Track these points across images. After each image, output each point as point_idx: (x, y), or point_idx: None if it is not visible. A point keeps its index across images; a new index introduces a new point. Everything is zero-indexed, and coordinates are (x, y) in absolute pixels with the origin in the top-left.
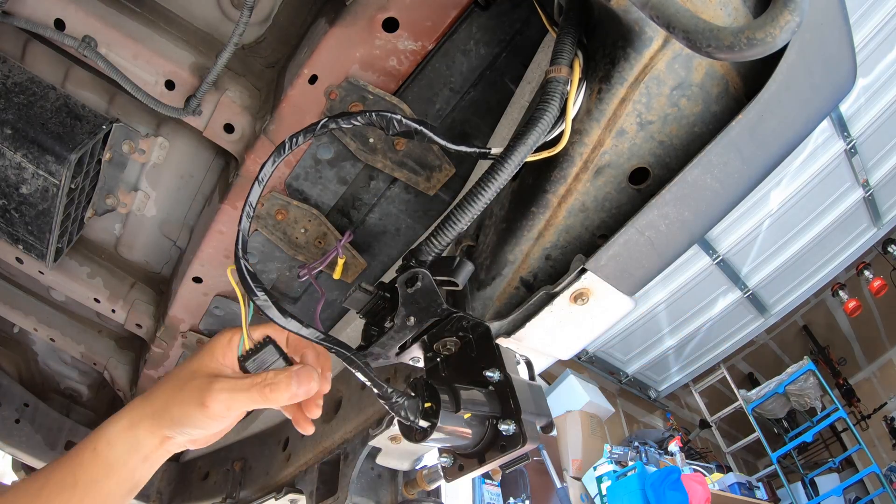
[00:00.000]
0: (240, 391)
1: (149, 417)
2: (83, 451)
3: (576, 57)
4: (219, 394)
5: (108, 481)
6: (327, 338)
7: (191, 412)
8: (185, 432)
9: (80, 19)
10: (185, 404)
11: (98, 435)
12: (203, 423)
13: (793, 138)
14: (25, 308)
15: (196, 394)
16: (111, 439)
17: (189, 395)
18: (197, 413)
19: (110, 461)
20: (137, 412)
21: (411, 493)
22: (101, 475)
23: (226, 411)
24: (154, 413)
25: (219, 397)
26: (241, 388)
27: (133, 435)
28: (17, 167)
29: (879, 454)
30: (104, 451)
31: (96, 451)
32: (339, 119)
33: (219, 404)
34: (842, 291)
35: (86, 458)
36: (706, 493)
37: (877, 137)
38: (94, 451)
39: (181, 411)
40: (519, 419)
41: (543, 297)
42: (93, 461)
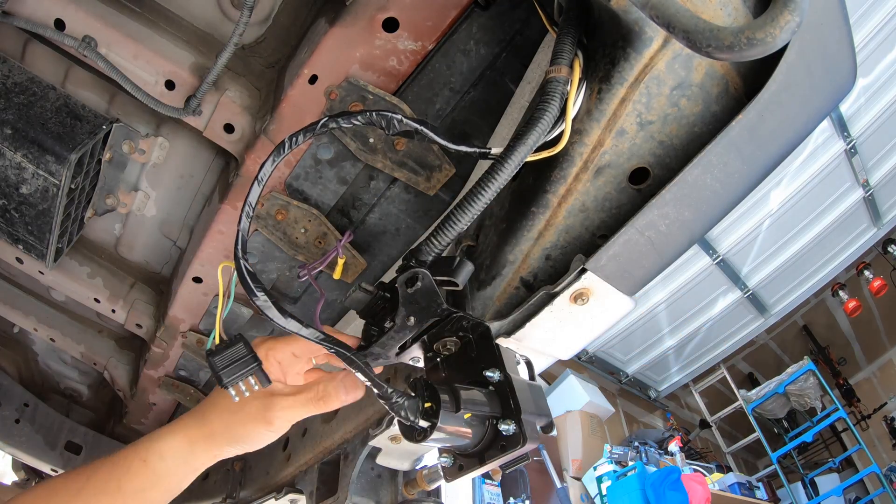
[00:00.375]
0: (299, 406)
1: (207, 437)
2: (131, 460)
3: (576, 57)
4: (281, 411)
5: (154, 490)
6: (327, 338)
7: (256, 430)
8: (244, 448)
9: (80, 19)
10: (248, 424)
11: (148, 446)
12: (265, 438)
13: (793, 138)
14: (25, 308)
15: (259, 413)
16: (164, 452)
17: (251, 416)
18: (262, 430)
19: (160, 472)
20: (195, 431)
21: (411, 493)
22: (148, 485)
23: (287, 425)
24: (213, 433)
25: (282, 414)
26: (300, 402)
27: (190, 451)
28: (18, 167)
29: (879, 454)
30: (155, 463)
31: (146, 462)
32: (339, 118)
33: (282, 421)
34: (842, 291)
35: (133, 467)
36: (706, 493)
37: (877, 137)
38: (143, 462)
39: (245, 430)
40: (519, 419)
41: (543, 297)
42: (142, 471)
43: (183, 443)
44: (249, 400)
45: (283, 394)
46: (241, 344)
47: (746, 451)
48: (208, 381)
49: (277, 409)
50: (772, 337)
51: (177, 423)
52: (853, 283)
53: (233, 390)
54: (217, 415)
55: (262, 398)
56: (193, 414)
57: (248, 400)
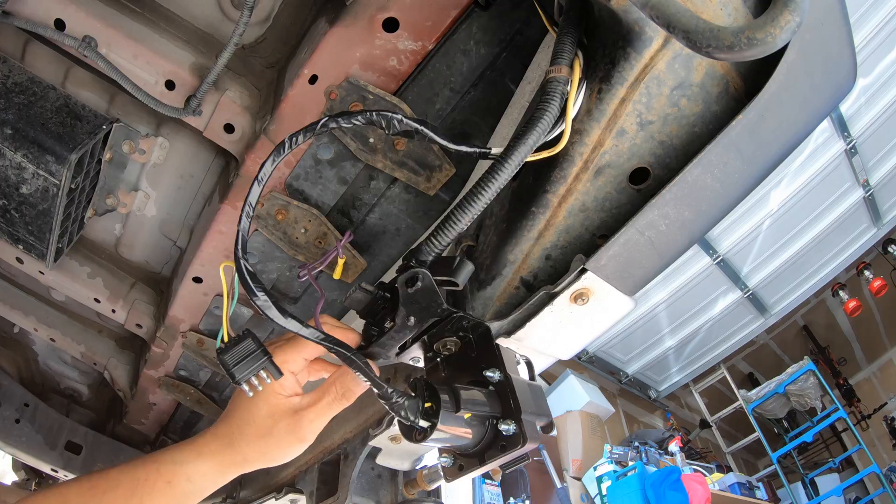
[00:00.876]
0: (325, 412)
1: (240, 464)
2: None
3: (576, 57)
4: (311, 425)
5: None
6: (327, 338)
7: (291, 451)
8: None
9: (80, 19)
10: (283, 446)
11: (173, 469)
12: (299, 452)
13: (793, 138)
14: (25, 308)
15: (291, 434)
16: (192, 477)
17: (284, 437)
18: (297, 449)
19: (186, 493)
20: (228, 459)
21: (411, 493)
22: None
23: (317, 434)
24: (247, 460)
25: (312, 428)
26: (325, 409)
27: (221, 476)
28: (18, 167)
29: (879, 454)
30: (182, 486)
31: (171, 484)
32: (339, 118)
33: (313, 433)
34: (842, 291)
35: (158, 488)
36: (706, 493)
37: (877, 137)
38: (168, 484)
39: (280, 454)
40: (519, 419)
41: (543, 297)
42: (167, 492)
43: (214, 469)
44: (275, 424)
45: (306, 407)
46: (249, 339)
47: (746, 451)
48: (208, 381)
49: (307, 425)
50: (772, 337)
51: (202, 447)
52: (853, 283)
53: (246, 386)
54: (247, 443)
55: (289, 418)
56: (220, 440)
57: (274, 424)
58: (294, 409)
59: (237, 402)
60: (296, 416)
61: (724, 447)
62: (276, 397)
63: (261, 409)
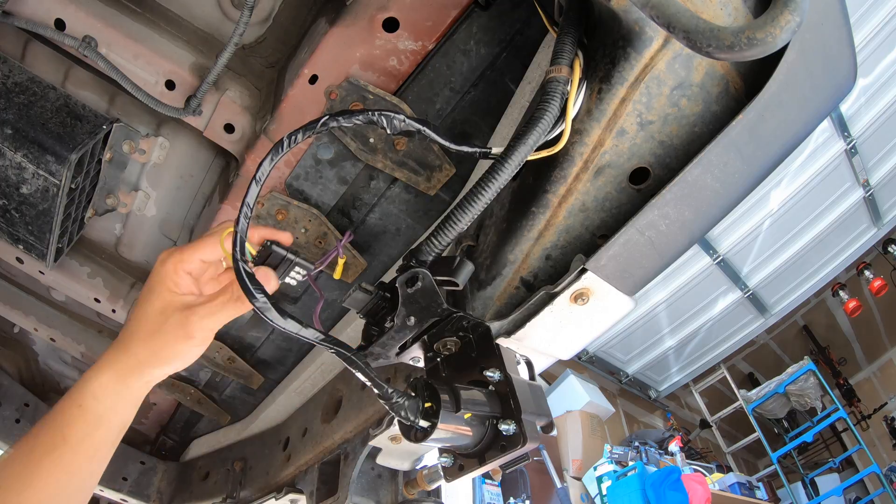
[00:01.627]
0: (217, 312)
1: (135, 367)
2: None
3: (576, 57)
4: (201, 322)
5: (98, 432)
6: (327, 338)
7: (179, 349)
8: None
9: (80, 19)
10: (171, 344)
11: (81, 391)
12: (191, 353)
13: (793, 138)
14: (26, 308)
15: (179, 330)
16: (97, 393)
17: (173, 335)
18: (185, 347)
19: (99, 413)
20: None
21: (411, 493)
22: (90, 428)
23: (210, 335)
24: (140, 362)
25: (201, 325)
26: (217, 308)
27: (123, 384)
28: (18, 167)
29: (880, 454)
30: (91, 405)
31: (82, 406)
32: (339, 117)
33: (203, 332)
34: (842, 291)
35: (73, 415)
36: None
37: (877, 137)
38: (80, 408)
39: (170, 352)
40: (519, 419)
41: (544, 297)
42: (80, 417)
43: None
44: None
45: (198, 304)
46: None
47: (747, 451)
48: (208, 381)
49: (196, 321)
50: (772, 337)
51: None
52: (853, 283)
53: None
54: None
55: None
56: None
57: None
58: (186, 305)
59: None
60: (187, 310)
61: (724, 447)
62: (169, 294)
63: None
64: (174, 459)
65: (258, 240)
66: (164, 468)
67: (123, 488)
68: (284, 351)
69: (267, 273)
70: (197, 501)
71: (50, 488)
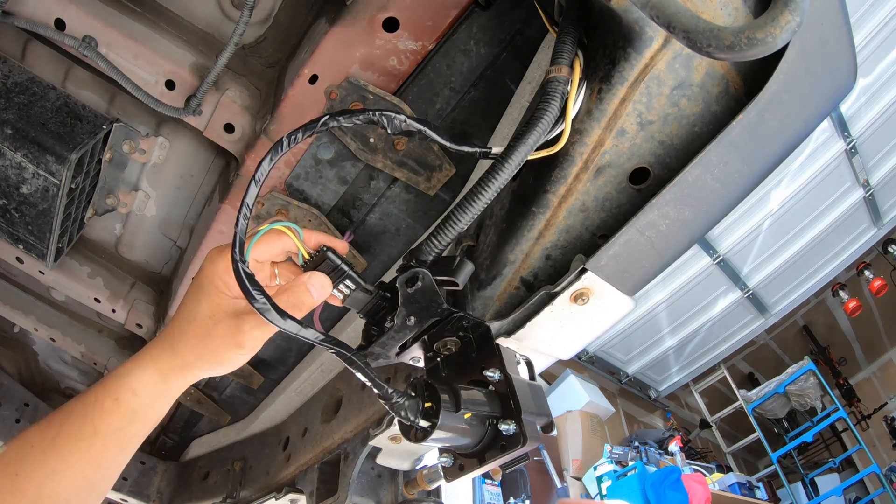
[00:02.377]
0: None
1: (179, 368)
2: (102, 401)
3: (576, 57)
4: (251, 332)
5: (131, 427)
6: (327, 338)
7: (228, 355)
8: (218, 372)
9: (80, 19)
10: (219, 350)
11: (118, 384)
12: (239, 361)
13: (793, 138)
14: (26, 308)
15: (229, 338)
16: (136, 389)
17: (222, 342)
18: (234, 354)
19: (134, 408)
20: (166, 363)
21: (411, 492)
22: (124, 423)
23: (260, 344)
24: (185, 364)
25: (253, 335)
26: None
27: (163, 383)
28: (18, 167)
29: (880, 454)
30: (128, 400)
31: (119, 400)
32: (339, 116)
33: (254, 341)
34: (842, 291)
35: (106, 408)
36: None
37: (877, 137)
38: (115, 401)
39: (217, 357)
40: (519, 419)
41: (544, 297)
42: (115, 410)
43: (155, 376)
44: (215, 325)
45: (249, 312)
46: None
47: (746, 451)
48: (208, 381)
49: (247, 330)
50: (772, 337)
51: (144, 354)
52: (853, 283)
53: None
54: (186, 345)
55: (230, 320)
56: (161, 344)
57: (213, 325)
58: (237, 312)
59: (182, 303)
60: (237, 318)
61: (724, 447)
62: (219, 297)
63: (203, 308)
64: (174, 459)
65: (315, 244)
66: (164, 468)
67: (123, 488)
68: (284, 351)
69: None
70: (197, 501)
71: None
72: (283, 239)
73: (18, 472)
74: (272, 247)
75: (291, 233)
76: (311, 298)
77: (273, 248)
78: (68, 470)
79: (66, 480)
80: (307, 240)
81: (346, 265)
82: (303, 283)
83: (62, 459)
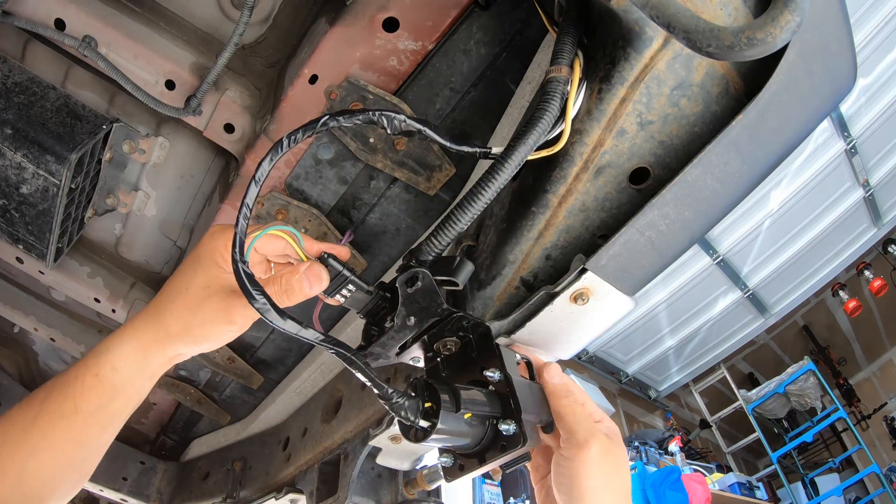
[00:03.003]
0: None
1: (162, 339)
2: (83, 377)
3: (576, 57)
4: (245, 308)
5: (113, 404)
6: (327, 338)
7: (217, 330)
8: (202, 348)
9: (80, 19)
10: (208, 324)
11: (99, 359)
12: (226, 338)
13: (793, 138)
14: (25, 308)
15: (221, 313)
16: (116, 364)
17: (212, 315)
18: (223, 329)
19: (115, 384)
20: (148, 335)
21: (411, 492)
22: (105, 399)
23: (250, 323)
24: (169, 335)
25: (245, 312)
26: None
27: (144, 358)
28: (18, 167)
29: (879, 454)
30: (109, 376)
31: (99, 376)
32: (339, 116)
33: (245, 319)
34: (842, 291)
35: (87, 384)
36: (706, 493)
37: (877, 137)
38: (96, 377)
39: (205, 331)
40: (519, 419)
41: (544, 297)
42: (95, 387)
43: (135, 350)
44: (207, 297)
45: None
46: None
47: (746, 451)
48: (208, 381)
49: (240, 307)
50: (772, 337)
51: (127, 327)
52: (853, 283)
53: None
54: (174, 314)
55: (223, 294)
56: (146, 313)
57: (206, 297)
58: (232, 288)
59: (175, 274)
60: (231, 294)
61: (724, 447)
62: (217, 269)
63: (199, 279)
64: (174, 459)
65: (316, 252)
66: (164, 468)
67: (123, 488)
68: (284, 351)
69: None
70: (197, 501)
71: (57, 457)
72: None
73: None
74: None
75: (292, 239)
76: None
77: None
78: (50, 449)
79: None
80: (308, 248)
81: (347, 270)
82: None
83: (44, 438)
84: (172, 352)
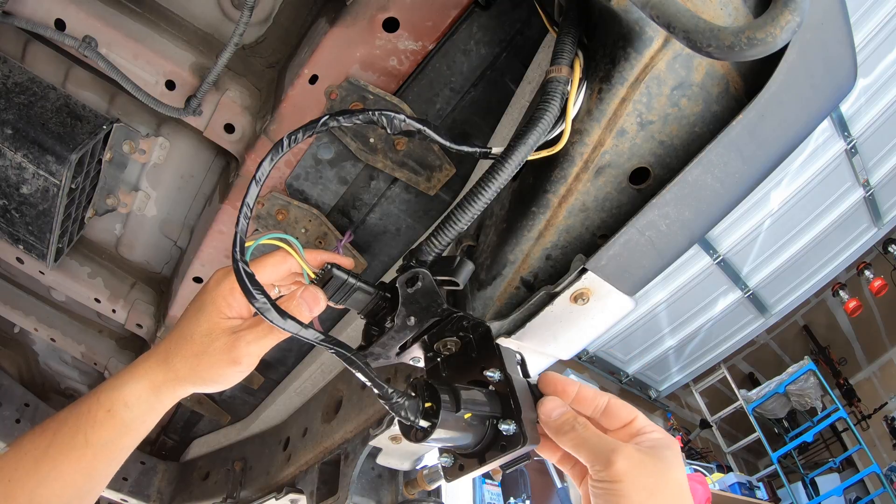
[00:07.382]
0: (263, 338)
1: (172, 381)
2: (95, 412)
3: (576, 57)
4: (248, 347)
5: (123, 439)
6: (327, 338)
7: (223, 372)
8: (212, 388)
9: (80, 19)
10: (215, 367)
11: (111, 395)
12: (235, 378)
13: (793, 138)
14: (26, 308)
15: (225, 355)
16: (129, 401)
17: (218, 358)
18: (230, 371)
19: (126, 421)
20: (159, 376)
21: (412, 493)
22: (115, 434)
23: (256, 361)
24: (178, 378)
25: (248, 350)
26: (263, 333)
27: (154, 396)
28: (18, 167)
29: (880, 454)
30: (121, 413)
31: (111, 412)
32: (339, 116)
33: (250, 357)
34: (842, 291)
35: (99, 419)
36: (707, 493)
37: (877, 137)
38: (108, 413)
39: (213, 373)
40: (519, 419)
41: (544, 297)
42: (107, 422)
43: (147, 389)
44: (212, 342)
45: (245, 329)
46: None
47: (747, 451)
48: None
49: (243, 347)
50: (772, 337)
51: (138, 367)
52: (853, 283)
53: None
54: (181, 360)
55: (225, 337)
56: (155, 356)
57: (210, 342)
58: (233, 330)
59: (180, 320)
60: (233, 335)
61: (724, 447)
62: (217, 315)
63: (200, 326)
64: (174, 459)
65: (319, 263)
66: (165, 468)
67: (123, 488)
68: (285, 351)
69: (316, 293)
70: (197, 501)
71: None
72: (289, 261)
73: (11, 478)
74: (278, 269)
75: (293, 250)
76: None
77: (279, 270)
78: (59, 479)
79: (58, 488)
80: (310, 260)
81: (353, 278)
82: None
83: (54, 468)
84: (182, 392)
